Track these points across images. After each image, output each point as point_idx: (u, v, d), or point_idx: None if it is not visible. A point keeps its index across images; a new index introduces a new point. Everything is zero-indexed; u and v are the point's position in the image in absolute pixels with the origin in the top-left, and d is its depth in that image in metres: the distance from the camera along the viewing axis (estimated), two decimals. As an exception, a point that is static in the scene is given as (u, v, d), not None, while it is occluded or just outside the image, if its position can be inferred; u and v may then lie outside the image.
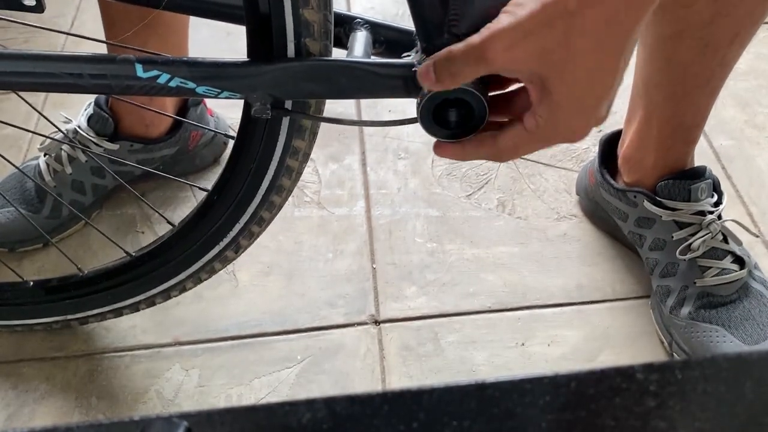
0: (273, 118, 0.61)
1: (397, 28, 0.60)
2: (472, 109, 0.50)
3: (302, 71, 0.56)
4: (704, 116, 0.80)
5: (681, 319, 0.81)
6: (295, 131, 0.62)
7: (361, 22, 0.60)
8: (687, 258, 0.81)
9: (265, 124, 0.62)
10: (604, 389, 0.28)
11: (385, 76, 0.55)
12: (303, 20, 0.54)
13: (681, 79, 0.75)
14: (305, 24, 0.54)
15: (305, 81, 0.56)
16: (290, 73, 0.56)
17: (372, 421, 0.27)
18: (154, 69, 0.56)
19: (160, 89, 0.57)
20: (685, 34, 0.71)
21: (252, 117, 0.59)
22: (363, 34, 0.60)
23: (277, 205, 0.69)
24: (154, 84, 0.57)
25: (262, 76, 0.56)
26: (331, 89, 0.57)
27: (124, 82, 0.57)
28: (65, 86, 0.59)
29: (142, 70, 0.56)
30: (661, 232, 0.83)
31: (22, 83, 0.61)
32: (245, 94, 0.57)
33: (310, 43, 0.56)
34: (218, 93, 0.57)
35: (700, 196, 0.81)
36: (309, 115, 0.61)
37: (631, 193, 0.85)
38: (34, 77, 0.59)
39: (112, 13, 0.87)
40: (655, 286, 0.85)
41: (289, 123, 0.62)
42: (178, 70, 0.56)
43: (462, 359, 0.84)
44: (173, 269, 0.76)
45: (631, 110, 0.85)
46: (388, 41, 0.61)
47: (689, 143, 0.82)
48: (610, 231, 0.94)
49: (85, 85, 0.58)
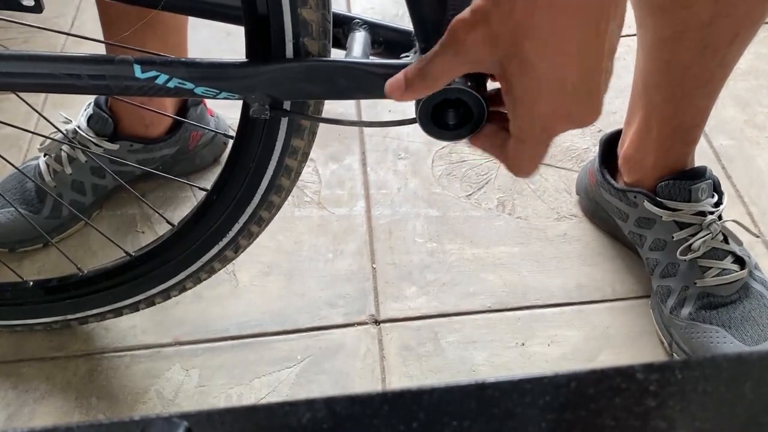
0: (272, 118, 0.61)
1: (396, 29, 0.60)
2: (470, 109, 0.50)
3: (300, 72, 0.56)
4: (704, 117, 0.80)
5: (681, 319, 0.81)
6: (294, 131, 0.62)
7: (359, 23, 0.60)
8: (687, 258, 0.81)
9: (264, 124, 0.62)
10: (604, 389, 0.28)
11: (384, 77, 0.55)
12: (301, 19, 0.54)
13: (680, 80, 0.75)
14: (303, 23, 0.54)
15: (303, 81, 0.56)
16: (288, 73, 0.56)
17: (372, 421, 0.27)
18: (152, 69, 0.56)
19: (159, 90, 0.57)
20: (684, 35, 0.71)
21: (251, 117, 0.59)
22: (362, 35, 0.60)
23: (276, 205, 0.69)
24: (153, 85, 0.57)
25: (260, 76, 0.56)
26: (330, 90, 0.57)
27: (123, 83, 0.57)
28: (64, 87, 0.59)
29: (140, 70, 0.56)
30: (661, 233, 0.83)
31: (21, 84, 0.61)
32: (243, 95, 0.57)
33: (308, 42, 0.55)
34: (216, 94, 0.57)
35: (701, 196, 0.81)
36: (307, 116, 0.61)
37: (631, 194, 0.85)
38: (34, 78, 0.59)
39: (110, 13, 0.87)
40: (656, 286, 0.85)
41: (288, 122, 0.62)
42: (177, 70, 0.56)
43: (462, 359, 0.84)
44: (173, 269, 0.76)
45: (631, 110, 0.85)
46: (386, 42, 0.60)
47: (689, 143, 0.82)
48: (610, 231, 0.94)
49: (83, 86, 0.58)
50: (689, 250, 0.81)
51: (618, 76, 1.29)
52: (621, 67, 1.16)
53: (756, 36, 0.72)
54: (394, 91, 0.48)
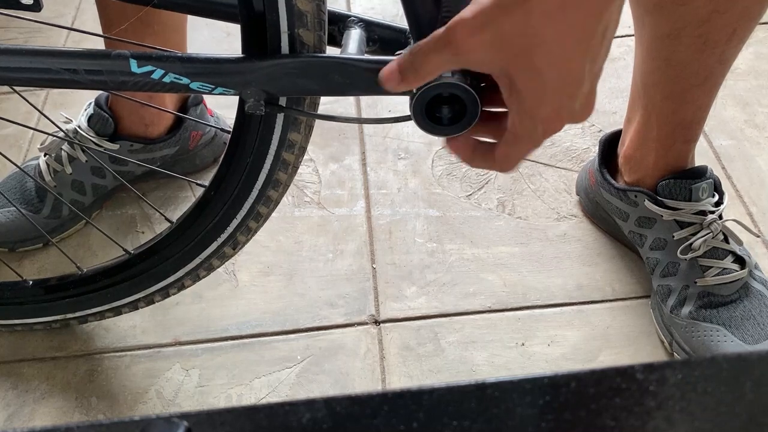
0: (268, 113, 0.61)
1: (391, 27, 0.61)
2: (464, 104, 0.50)
3: (296, 67, 0.56)
4: (704, 114, 0.80)
5: (682, 318, 0.81)
6: (290, 125, 0.62)
7: (355, 21, 0.61)
8: (688, 258, 0.81)
9: (260, 119, 0.62)
10: (604, 389, 0.28)
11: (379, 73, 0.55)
12: (296, 10, 0.54)
13: (679, 77, 0.75)
14: (299, 14, 0.54)
15: (299, 77, 0.56)
16: (284, 69, 0.56)
17: (372, 421, 0.27)
18: (148, 64, 0.56)
19: (155, 85, 0.57)
20: (682, 32, 0.71)
21: (246, 112, 0.59)
22: (357, 32, 0.60)
23: (274, 200, 0.69)
24: (149, 80, 0.57)
25: (255, 72, 0.56)
26: (325, 86, 0.57)
27: (119, 78, 0.57)
28: (61, 82, 0.59)
29: (136, 65, 0.56)
30: (661, 232, 0.83)
31: (19, 78, 0.61)
32: (239, 90, 0.57)
33: (303, 33, 0.55)
34: (212, 89, 0.57)
35: (701, 195, 0.81)
36: (302, 112, 0.61)
37: (631, 193, 0.85)
38: (31, 72, 0.59)
39: (109, 13, 0.87)
40: (656, 285, 0.85)
41: (285, 117, 0.62)
42: (172, 65, 0.56)
43: (462, 359, 0.84)
44: (172, 266, 0.76)
45: (631, 109, 0.85)
46: (381, 39, 0.61)
47: (689, 141, 0.82)
48: (610, 231, 0.94)
49: (80, 81, 0.58)
50: (690, 249, 0.81)
51: (618, 76, 1.29)
52: (621, 67, 1.16)
53: (756, 36, 0.72)
54: (389, 81, 0.48)
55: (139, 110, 0.95)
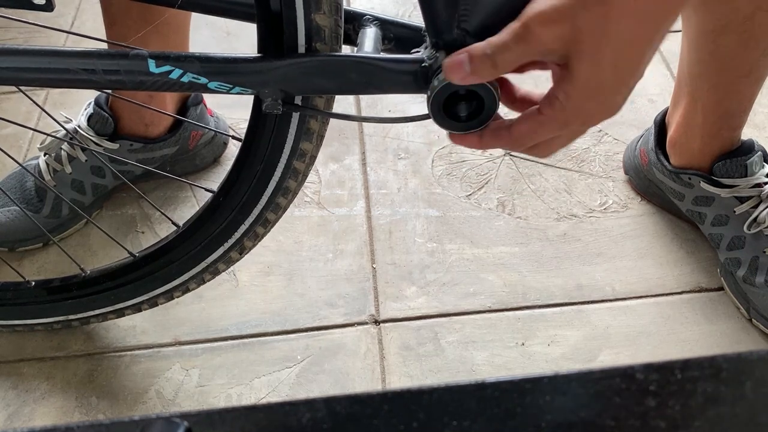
0: (282, 120, 0.62)
1: (406, 25, 0.61)
2: (481, 102, 0.51)
3: (313, 66, 0.56)
4: (750, 103, 0.82)
5: (758, 286, 0.83)
6: (303, 133, 0.63)
7: (370, 19, 0.61)
8: (753, 231, 0.84)
9: (273, 126, 0.62)
10: (604, 389, 0.28)
11: (395, 72, 0.55)
12: (314, 25, 0.55)
13: (725, 69, 0.78)
14: (316, 29, 0.55)
15: (316, 76, 0.56)
16: (301, 68, 0.56)
17: (372, 421, 0.27)
18: (166, 64, 0.56)
19: (173, 85, 0.57)
20: (726, 28, 0.73)
21: (261, 118, 0.58)
22: (372, 31, 0.60)
23: (282, 207, 0.70)
24: (167, 79, 0.57)
25: (273, 71, 0.56)
26: (342, 85, 0.57)
27: (137, 78, 0.57)
28: (79, 82, 0.59)
29: (154, 65, 0.56)
30: (722, 209, 0.86)
31: (38, 79, 0.61)
32: (256, 90, 0.57)
33: (320, 47, 0.56)
34: (230, 88, 0.57)
35: (755, 169, 0.84)
36: (319, 111, 0.61)
37: (685, 175, 0.88)
38: (50, 73, 0.59)
39: (113, 12, 0.87)
40: (723, 258, 0.87)
41: (298, 125, 0.62)
42: (191, 65, 0.56)
43: (462, 359, 0.84)
44: (177, 270, 0.76)
45: (676, 96, 0.87)
46: (397, 38, 0.61)
47: (735, 128, 0.85)
48: (665, 207, 0.96)
49: (98, 81, 0.58)
50: (755, 223, 0.84)
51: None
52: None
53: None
54: (456, 73, 0.48)
55: (139, 110, 0.95)
